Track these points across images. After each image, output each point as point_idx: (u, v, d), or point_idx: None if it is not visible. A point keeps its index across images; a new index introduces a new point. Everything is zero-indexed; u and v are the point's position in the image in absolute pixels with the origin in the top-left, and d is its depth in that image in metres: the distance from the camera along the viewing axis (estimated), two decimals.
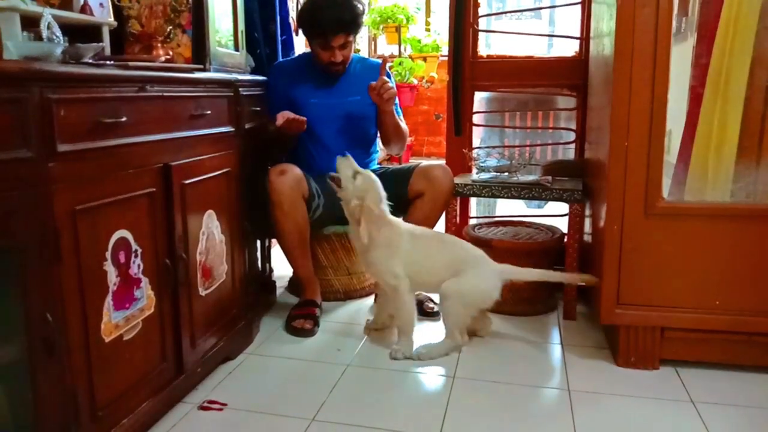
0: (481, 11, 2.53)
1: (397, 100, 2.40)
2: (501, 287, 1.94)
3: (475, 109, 2.57)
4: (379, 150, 2.50)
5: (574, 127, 2.50)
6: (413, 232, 1.96)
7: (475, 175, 2.35)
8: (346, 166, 1.93)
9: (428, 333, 2.04)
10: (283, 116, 2.12)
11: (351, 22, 2.16)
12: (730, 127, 1.79)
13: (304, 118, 2.15)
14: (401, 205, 2.31)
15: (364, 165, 2.39)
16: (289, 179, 2.08)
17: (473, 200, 2.76)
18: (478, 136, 2.68)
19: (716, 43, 1.79)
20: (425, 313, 2.22)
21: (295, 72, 2.29)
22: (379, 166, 2.49)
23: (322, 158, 2.24)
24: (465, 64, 2.48)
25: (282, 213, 2.10)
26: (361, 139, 2.35)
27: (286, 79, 2.27)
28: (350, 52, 2.25)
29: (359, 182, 1.90)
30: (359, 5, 2.20)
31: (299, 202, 2.12)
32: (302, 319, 2.09)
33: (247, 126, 1.93)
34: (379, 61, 2.31)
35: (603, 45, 1.93)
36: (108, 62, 1.37)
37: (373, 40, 5.70)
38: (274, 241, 2.34)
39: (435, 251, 1.95)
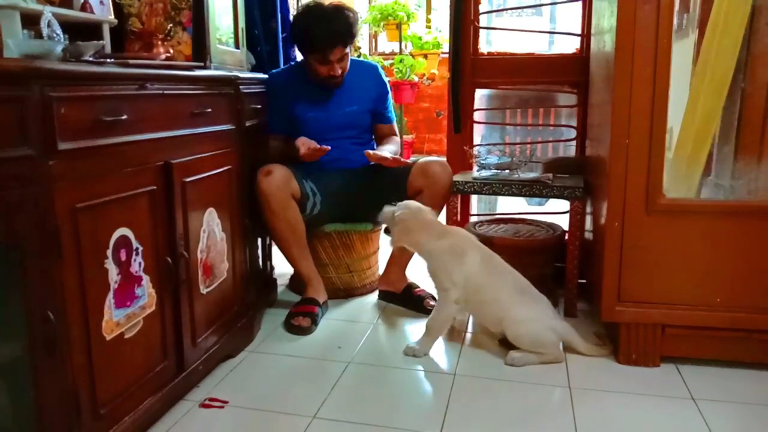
0: (482, 8, 2.52)
1: (390, 102, 2.42)
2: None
3: (475, 106, 2.57)
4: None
5: (575, 124, 2.50)
6: (484, 257, 1.90)
7: (476, 173, 2.34)
8: (386, 219, 1.97)
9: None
10: (305, 146, 2.13)
11: (346, 34, 2.15)
12: (711, 122, 1.80)
13: (327, 147, 2.13)
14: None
15: (361, 160, 2.39)
16: (275, 179, 2.08)
17: (474, 197, 2.76)
18: (479, 133, 2.67)
19: (705, 39, 1.79)
20: (426, 310, 2.22)
21: (291, 84, 2.28)
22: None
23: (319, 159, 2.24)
24: (466, 61, 2.48)
25: (272, 213, 2.10)
26: (357, 140, 2.37)
27: (283, 92, 2.26)
28: (347, 63, 2.24)
29: (399, 218, 1.91)
30: (351, 14, 2.19)
31: (288, 201, 2.12)
32: (300, 317, 2.10)
33: (247, 123, 1.93)
34: (373, 62, 2.33)
35: (604, 42, 1.93)
36: (108, 60, 1.36)
37: (373, 37, 5.69)
38: None
39: (501, 282, 1.88)
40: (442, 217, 2.31)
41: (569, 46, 2.59)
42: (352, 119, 2.31)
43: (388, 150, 2.31)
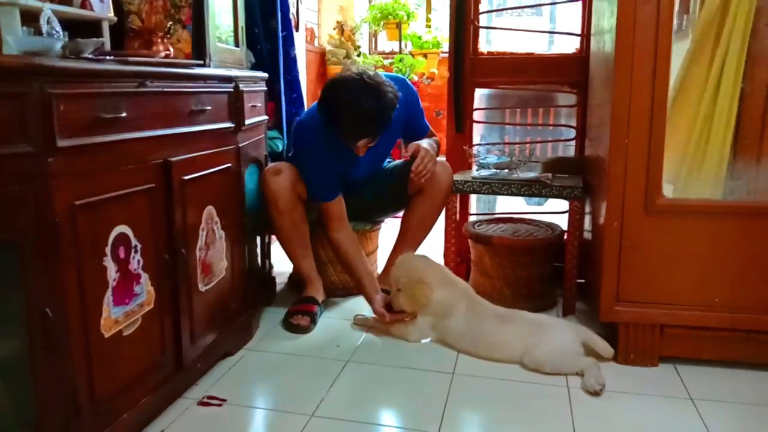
0: (482, 8, 2.52)
1: (421, 114, 2.30)
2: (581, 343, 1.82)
3: (475, 106, 2.57)
4: None
5: (574, 124, 2.50)
6: (472, 307, 1.94)
7: (475, 172, 2.34)
8: (395, 302, 2.02)
9: None
10: (380, 314, 2.07)
11: (376, 130, 1.95)
12: (723, 124, 1.79)
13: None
14: (402, 203, 2.31)
15: (366, 168, 2.38)
16: (283, 179, 2.08)
17: (473, 197, 2.76)
18: (478, 132, 2.67)
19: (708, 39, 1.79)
20: None
21: (321, 141, 2.07)
22: None
23: None
24: (465, 61, 2.48)
25: (278, 212, 2.10)
26: (379, 163, 2.35)
27: (321, 152, 2.08)
28: (376, 142, 2.02)
29: (403, 279, 1.98)
30: (388, 101, 1.91)
31: (295, 201, 2.12)
32: (299, 316, 2.09)
33: (247, 122, 1.92)
34: (399, 78, 2.19)
35: (604, 42, 1.93)
36: (108, 57, 1.37)
37: (373, 36, 5.68)
38: (273, 237, 2.34)
39: (492, 329, 1.87)
40: (441, 217, 2.31)
41: (569, 46, 2.59)
42: (381, 150, 2.25)
43: (425, 142, 2.18)
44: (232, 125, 1.81)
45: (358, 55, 4.93)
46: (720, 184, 1.82)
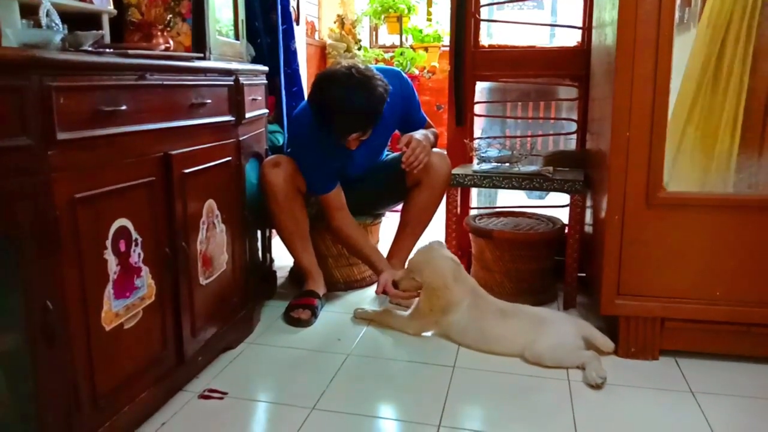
0: (483, 1, 2.52)
1: (417, 105, 2.29)
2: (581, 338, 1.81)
3: (476, 99, 2.56)
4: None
5: (575, 117, 2.49)
6: (475, 302, 1.93)
7: (476, 166, 2.34)
8: (403, 283, 2.03)
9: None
10: (382, 286, 2.09)
11: (367, 124, 1.94)
12: (728, 117, 1.78)
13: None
14: (400, 195, 2.30)
15: (365, 162, 2.38)
16: (282, 172, 2.07)
17: (474, 191, 2.76)
18: (479, 126, 2.67)
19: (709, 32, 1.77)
20: None
21: (315, 131, 2.03)
22: None
23: None
24: (466, 54, 2.47)
25: (277, 205, 2.09)
26: (376, 157, 2.34)
27: (317, 146, 2.08)
28: (368, 136, 2.02)
29: (426, 274, 1.95)
30: (378, 94, 1.90)
31: (295, 194, 2.11)
32: (300, 309, 2.09)
33: (247, 115, 1.92)
34: (394, 71, 2.19)
35: (605, 35, 1.92)
36: (107, 50, 1.36)
37: (374, 30, 5.67)
38: (274, 231, 2.34)
39: (493, 324, 1.88)
40: (441, 212, 2.31)
41: (570, 39, 2.58)
42: (377, 143, 2.25)
43: (420, 133, 2.15)
44: (233, 118, 1.81)
45: (359, 49, 4.92)
46: (725, 178, 1.82)
